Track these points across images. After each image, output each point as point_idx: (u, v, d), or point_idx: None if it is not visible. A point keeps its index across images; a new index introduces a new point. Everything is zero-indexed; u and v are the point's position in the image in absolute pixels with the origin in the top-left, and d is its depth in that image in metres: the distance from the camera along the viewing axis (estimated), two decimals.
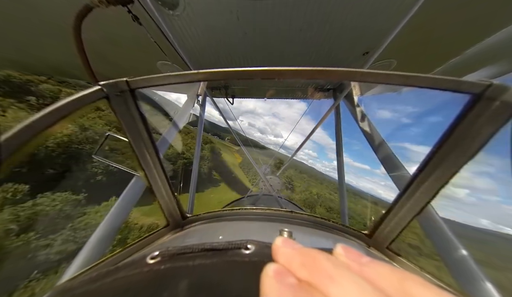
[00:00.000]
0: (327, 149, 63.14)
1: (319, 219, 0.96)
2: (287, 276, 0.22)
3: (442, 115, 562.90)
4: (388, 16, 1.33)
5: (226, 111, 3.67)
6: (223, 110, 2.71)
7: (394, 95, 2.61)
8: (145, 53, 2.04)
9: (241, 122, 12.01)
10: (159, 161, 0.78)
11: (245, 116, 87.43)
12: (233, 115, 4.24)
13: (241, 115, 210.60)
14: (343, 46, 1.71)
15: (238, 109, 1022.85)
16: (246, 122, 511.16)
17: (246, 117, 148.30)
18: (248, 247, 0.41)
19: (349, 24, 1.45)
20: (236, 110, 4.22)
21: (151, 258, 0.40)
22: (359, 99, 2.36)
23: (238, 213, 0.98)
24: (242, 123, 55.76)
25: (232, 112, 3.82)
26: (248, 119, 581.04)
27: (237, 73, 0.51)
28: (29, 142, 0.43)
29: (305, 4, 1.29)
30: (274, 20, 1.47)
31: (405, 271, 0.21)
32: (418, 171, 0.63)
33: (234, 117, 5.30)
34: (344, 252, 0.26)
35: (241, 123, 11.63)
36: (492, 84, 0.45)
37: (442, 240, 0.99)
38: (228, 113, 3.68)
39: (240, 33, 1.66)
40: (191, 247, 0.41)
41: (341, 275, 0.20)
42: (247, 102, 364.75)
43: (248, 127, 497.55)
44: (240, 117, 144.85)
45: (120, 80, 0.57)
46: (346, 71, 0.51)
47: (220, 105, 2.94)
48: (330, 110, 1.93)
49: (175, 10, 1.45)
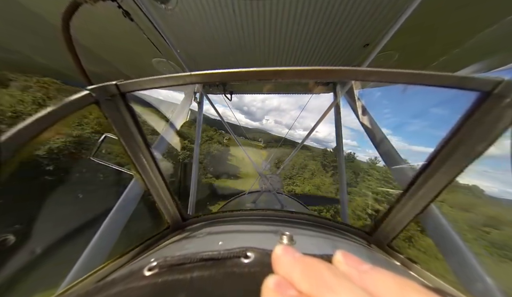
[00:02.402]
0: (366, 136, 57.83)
1: (320, 218, 0.96)
2: (288, 289, 0.22)
3: (450, 110, 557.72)
4: (389, 8, 1.28)
5: (251, 113, 3.61)
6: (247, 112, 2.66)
7: (398, 87, 2.56)
8: (141, 50, 1.98)
9: (267, 121, 11.83)
10: (155, 164, 0.76)
11: (270, 114, 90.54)
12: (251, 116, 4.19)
13: (266, 114, 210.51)
14: (343, 39, 1.66)
15: (263, 108, 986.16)
16: (272, 120, 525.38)
17: (272, 115, 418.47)
18: (248, 255, 0.40)
19: (349, 16, 1.40)
20: (260, 110, 4.17)
21: (149, 270, 0.39)
22: (360, 93, 2.31)
23: (238, 214, 0.97)
24: (268, 121, 54.53)
25: (256, 114, 3.77)
26: (273, 117, 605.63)
27: (232, 75, 0.49)
28: (15, 154, 0.41)
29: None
30: (272, 13, 1.41)
31: (404, 279, 0.21)
32: (422, 170, 0.62)
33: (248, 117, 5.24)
34: (344, 259, 0.26)
35: (267, 122, 11.41)
36: (502, 80, 0.42)
37: (445, 239, 0.98)
38: (254, 115, 3.62)
39: (236, 28, 1.60)
40: (189, 257, 0.40)
41: (341, 286, 0.20)
42: (271, 100, 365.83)
43: (275, 125, 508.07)
44: (266, 116, 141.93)
45: (110, 84, 0.54)
46: (348, 70, 0.48)
47: (238, 102, 2.88)
48: (332, 105, 1.90)
49: (167, 4, 1.39)
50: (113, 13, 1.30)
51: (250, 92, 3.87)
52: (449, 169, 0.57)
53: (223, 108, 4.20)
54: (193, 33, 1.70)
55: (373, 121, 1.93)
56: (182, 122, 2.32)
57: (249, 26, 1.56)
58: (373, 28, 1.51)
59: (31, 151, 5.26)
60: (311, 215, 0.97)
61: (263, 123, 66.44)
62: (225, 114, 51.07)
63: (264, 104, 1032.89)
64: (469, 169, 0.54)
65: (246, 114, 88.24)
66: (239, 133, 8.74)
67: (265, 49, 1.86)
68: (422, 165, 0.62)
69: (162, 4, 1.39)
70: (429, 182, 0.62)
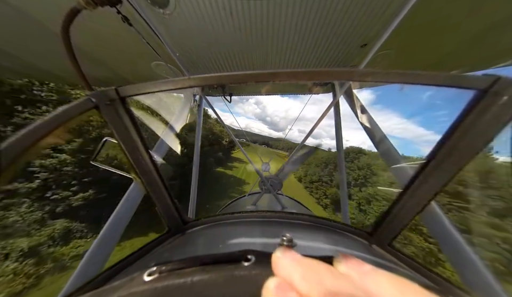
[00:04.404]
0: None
1: (320, 219, 0.95)
2: (288, 291, 0.22)
3: (449, 108, 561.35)
4: (385, 6, 1.29)
5: (274, 123, 3.63)
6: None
7: (396, 86, 2.57)
8: (141, 54, 2.00)
9: (290, 131, 12.06)
10: (155, 167, 0.76)
11: (295, 124, 73.13)
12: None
13: (289, 123, 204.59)
14: (340, 39, 1.67)
15: (286, 118, 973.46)
16: (296, 130, 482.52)
17: (296, 125, 63.50)
18: (248, 258, 0.40)
19: (346, 17, 1.41)
20: (284, 120, 4.20)
21: (149, 275, 0.39)
22: (359, 92, 2.32)
23: (238, 217, 0.97)
24: (291, 131, 54.33)
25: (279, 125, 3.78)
26: (297, 126, 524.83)
27: (230, 78, 0.49)
28: (16, 160, 0.42)
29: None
30: (269, 15, 1.42)
31: (405, 280, 0.21)
32: (421, 168, 0.62)
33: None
34: (344, 261, 0.26)
35: (290, 131, 11.60)
36: (499, 78, 0.42)
37: (447, 237, 0.98)
38: (277, 125, 3.63)
39: (234, 30, 1.61)
40: (189, 260, 0.40)
41: (341, 288, 0.20)
42: (293, 111, 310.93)
43: (299, 134, 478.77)
44: (289, 125, 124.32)
45: (109, 89, 0.55)
46: (344, 71, 0.49)
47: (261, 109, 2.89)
48: (331, 105, 1.90)
49: (165, 8, 1.40)
50: (112, 18, 1.32)
51: (250, 93, 3.89)
52: (448, 167, 0.57)
53: (248, 120, 4.17)
54: (192, 36, 1.71)
55: (372, 120, 1.93)
56: (182, 125, 2.33)
57: (246, 28, 1.58)
58: (370, 28, 1.52)
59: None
60: (311, 215, 0.97)
61: (285, 133, 68.08)
62: (249, 125, 50.05)
63: (288, 114, 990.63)
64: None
65: (269, 124, 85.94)
66: (262, 141, 8.18)
67: (263, 50, 1.87)
68: (421, 164, 0.62)
69: (161, 9, 1.41)
70: (428, 181, 0.63)
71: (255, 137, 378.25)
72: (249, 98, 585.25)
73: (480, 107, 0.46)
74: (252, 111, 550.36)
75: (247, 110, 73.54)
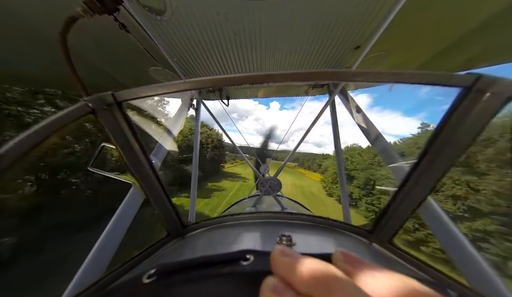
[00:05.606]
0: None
1: (320, 219, 0.96)
2: (286, 290, 0.22)
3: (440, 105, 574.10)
4: (377, 8, 1.33)
5: (277, 136, 3.62)
6: None
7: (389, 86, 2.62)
8: (138, 60, 2.01)
9: (293, 142, 12.06)
10: (154, 171, 0.77)
11: (295, 135, 70.22)
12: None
13: (291, 135, 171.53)
14: (334, 42, 1.71)
15: (286, 130, 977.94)
16: (297, 140, 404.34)
17: (297, 134, 29.08)
18: (247, 257, 0.40)
19: (339, 20, 1.45)
20: (285, 132, 4.18)
21: (148, 277, 0.39)
22: (354, 92, 2.35)
23: (238, 218, 0.97)
24: (294, 142, 52.32)
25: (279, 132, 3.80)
26: (299, 135, 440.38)
27: (225, 81, 0.50)
28: (13, 165, 0.42)
29: (294, 1, 1.28)
30: (263, 19, 1.45)
31: (405, 277, 0.21)
32: (415, 165, 0.63)
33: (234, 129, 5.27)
34: (343, 257, 0.26)
35: (293, 142, 11.46)
36: (480, 76, 0.45)
37: (445, 233, 0.98)
38: (279, 138, 3.67)
39: (230, 34, 1.64)
40: (188, 262, 0.41)
41: (340, 286, 0.20)
42: (294, 122, 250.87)
43: (302, 144, 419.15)
44: (291, 137, 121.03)
45: (106, 93, 0.56)
46: (337, 72, 0.50)
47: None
48: (326, 106, 1.93)
49: (162, 16, 1.43)
50: (110, 25, 1.33)
51: (247, 96, 3.92)
52: (441, 162, 0.59)
53: (250, 136, 4.07)
54: (189, 42, 1.74)
55: (368, 120, 1.96)
56: (179, 129, 2.34)
57: (240, 33, 1.61)
58: (363, 31, 1.56)
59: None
60: (310, 215, 0.97)
61: (288, 145, 66.57)
62: (253, 142, 47.29)
63: (288, 125, 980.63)
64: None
65: (271, 138, 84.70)
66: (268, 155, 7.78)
67: (258, 54, 1.90)
68: (415, 161, 0.64)
69: (158, 16, 1.43)
70: (423, 177, 0.64)
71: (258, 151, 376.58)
72: (248, 115, 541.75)
73: (465, 103, 0.48)
74: (253, 127, 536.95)
75: (248, 126, 71.16)
